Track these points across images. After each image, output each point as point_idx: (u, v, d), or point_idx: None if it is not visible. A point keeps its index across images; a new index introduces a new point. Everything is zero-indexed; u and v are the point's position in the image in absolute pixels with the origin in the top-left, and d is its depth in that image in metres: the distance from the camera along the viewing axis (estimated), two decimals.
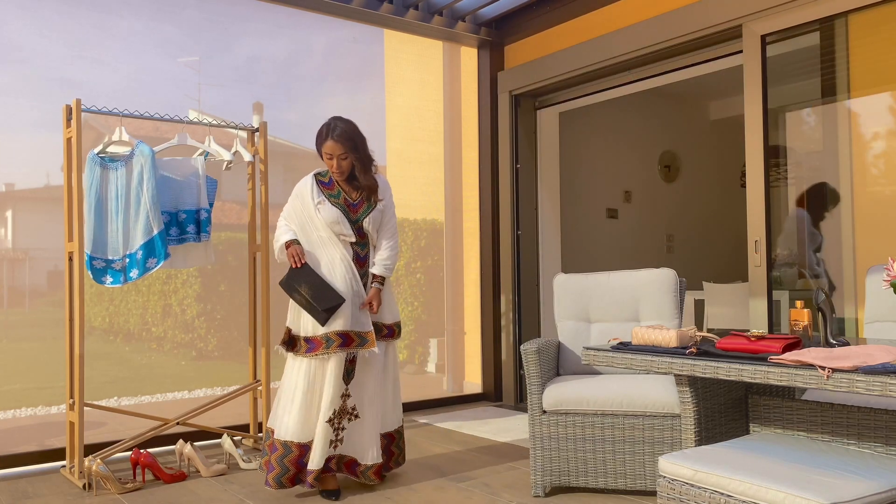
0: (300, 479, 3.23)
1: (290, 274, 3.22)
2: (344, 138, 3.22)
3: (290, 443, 3.21)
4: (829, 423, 2.47)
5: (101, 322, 4.92)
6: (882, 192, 3.53)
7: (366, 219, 3.31)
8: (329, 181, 3.34)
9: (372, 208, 3.33)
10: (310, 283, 3.17)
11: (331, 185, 3.33)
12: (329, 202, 3.27)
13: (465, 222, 5.81)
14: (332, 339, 3.18)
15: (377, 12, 4.97)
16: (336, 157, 3.23)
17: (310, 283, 3.17)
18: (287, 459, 3.20)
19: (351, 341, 3.21)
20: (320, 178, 3.35)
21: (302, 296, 3.17)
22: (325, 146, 3.24)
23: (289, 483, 3.21)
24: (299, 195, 3.34)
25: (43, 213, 4.52)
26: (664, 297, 3.39)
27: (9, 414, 4.44)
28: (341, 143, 3.21)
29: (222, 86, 4.88)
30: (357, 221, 3.30)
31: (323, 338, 3.19)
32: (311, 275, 3.20)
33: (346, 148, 3.22)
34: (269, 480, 3.20)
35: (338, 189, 3.32)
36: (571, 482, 3.15)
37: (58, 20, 4.31)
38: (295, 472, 3.22)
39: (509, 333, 5.45)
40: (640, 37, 4.47)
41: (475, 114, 5.70)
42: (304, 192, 3.32)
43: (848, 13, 3.60)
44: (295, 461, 3.21)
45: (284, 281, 3.23)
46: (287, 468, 3.20)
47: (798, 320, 2.43)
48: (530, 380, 3.19)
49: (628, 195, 6.99)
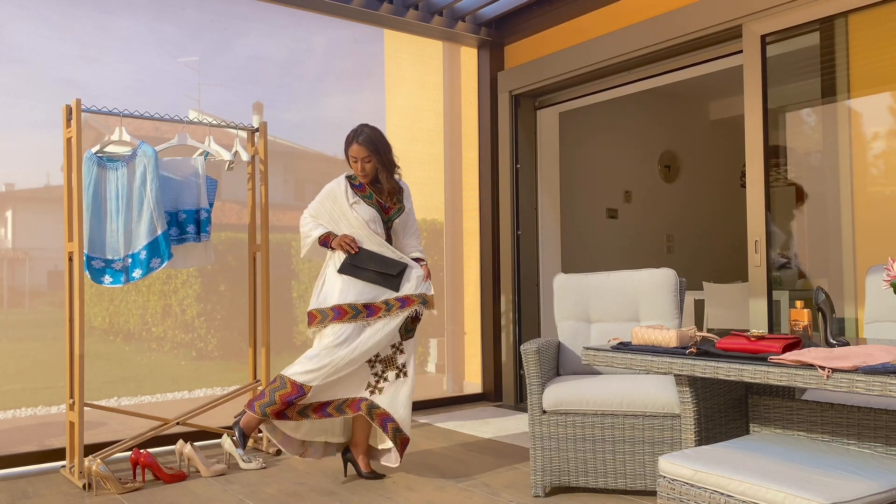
0: (286, 416, 3.32)
1: (352, 258, 3.44)
2: (368, 143, 3.46)
3: (287, 379, 3.31)
4: (829, 423, 2.46)
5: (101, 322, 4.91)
6: (882, 193, 3.53)
7: (397, 219, 3.58)
8: (360, 184, 3.56)
9: (401, 211, 3.59)
10: (373, 258, 3.44)
11: (362, 187, 3.56)
12: (364, 202, 3.51)
13: (465, 222, 5.81)
14: (359, 310, 3.38)
15: (377, 12, 4.97)
16: (360, 160, 3.47)
17: (374, 259, 3.44)
18: (279, 393, 3.30)
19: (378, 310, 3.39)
20: (352, 180, 3.57)
21: (371, 271, 3.42)
22: (350, 150, 3.48)
23: (273, 415, 3.30)
24: (331, 195, 3.54)
25: (43, 213, 4.52)
26: (664, 297, 3.39)
27: (9, 414, 4.44)
28: (365, 146, 3.46)
29: (222, 86, 4.88)
30: (389, 221, 3.56)
31: (350, 307, 3.36)
32: (370, 253, 3.46)
33: (369, 151, 3.46)
34: (253, 405, 3.31)
35: (369, 191, 3.55)
36: (571, 482, 3.15)
37: (58, 20, 4.31)
38: (281, 407, 3.30)
39: (509, 333, 5.45)
40: (640, 37, 4.47)
41: (475, 114, 5.70)
42: (338, 192, 3.53)
43: (848, 13, 3.60)
44: (285, 398, 3.30)
45: (348, 264, 3.43)
46: (274, 400, 3.29)
47: (798, 320, 2.43)
48: (530, 380, 3.19)
49: (628, 195, 6.99)
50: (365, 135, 3.47)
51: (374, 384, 3.43)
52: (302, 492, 3.34)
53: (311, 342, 3.51)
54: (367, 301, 3.39)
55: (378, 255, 3.46)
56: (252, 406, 3.33)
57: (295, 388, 3.30)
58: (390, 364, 3.46)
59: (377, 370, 3.44)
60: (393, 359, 3.46)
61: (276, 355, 4.73)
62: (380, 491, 3.33)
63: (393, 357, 3.46)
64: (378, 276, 3.42)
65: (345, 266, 3.44)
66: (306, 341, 4.88)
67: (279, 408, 3.30)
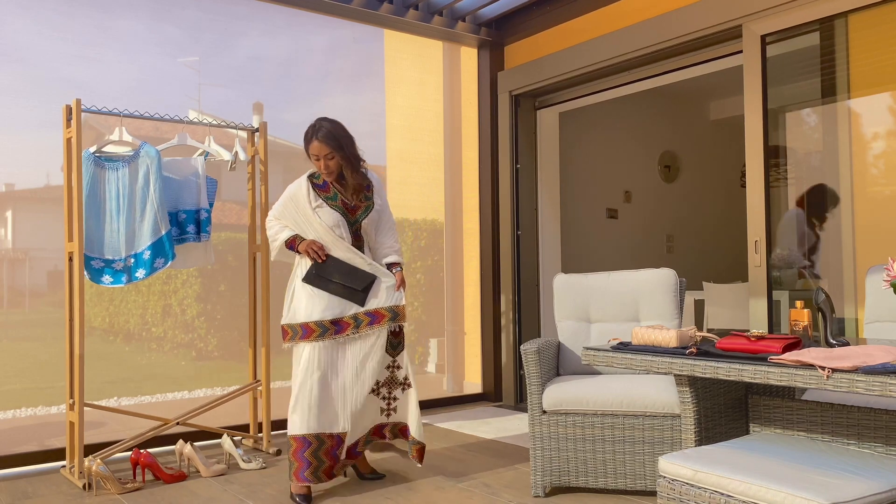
0: (335, 474, 3.24)
1: (318, 267, 3.27)
2: (329, 138, 3.23)
3: (322, 435, 3.20)
4: (829, 423, 2.46)
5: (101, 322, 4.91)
6: (882, 193, 3.53)
7: (365, 220, 3.35)
8: (324, 183, 3.35)
9: (370, 209, 3.36)
10: (340, 270, 3.27)
11: (325, 187, 3.34)
12: (328, 205, 3.30)
13: (465, 222, 5.81)
14: (326, 327, 3.22)
15: (377, 12, 4.97)
16: (322, 158, 3.25)
17: (340, 271, 3.26)
18: (322, 452, 3.20)
19: (346, 326, 3.25)
20: (314, 180, 3.36)
21: (337, 283, 3.25)
22: (311, 147, 3.26)
23: (325, 476, 3.20)
24: (293, 198, 3.33)
25: (43, 213, 4.52)
26: (664, 297, 3.39)
27: (9, 414, 4.44)
28: (326, 143, 3.23)
29: (222, 86, 4.88)
30: (355, 223, 3.34)
31: (317, 325, 3.22)
32: (338, 263, 3.28)
33: (331, 147, 3.23)
34: (305, 475, 3.16)
35: (334, 191, 3.33)
36: (571, 482, 3.15)
37: (58, 20, 4.31)
38: (330, 464, 3.21)
39: (509, 333, 5.45)
40: (640, 37, 4.47)
41: (475, 114, 5.70)
42: (300, 195, 3.31)
43: (848, 13, 3.60)
44: (329, 452, 3.21)
45: (314, 275, 3.27)
46: (323, 461, 3.19)
47: (798, 320, 2.43)
48: (530, 380, 3.19)
49: (628, 195, 6.99)
50: (325, 130, 3.23)
51: (386, 407, 3.38)
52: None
53: None
54: (335, 317, 3.23)
55: (346, 266, 3.27)
56: (305, 478, 3.17)
57: (332, 439, 3.23)
58: (393, 384, 3.38)
59: (383, 394, 3.36)
60: (394, 377, 3.38)
61: (276, 355, 4.73)
62: (380, 491, 3.33)
63: (393, 376, 3.37)
64: (344, 290, 3.25)
65: (310, 276, 3.27)
66: None
67: (329, 466, 3.22)
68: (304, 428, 3.18)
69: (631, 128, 7.04)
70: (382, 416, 3.38)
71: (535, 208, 5.54)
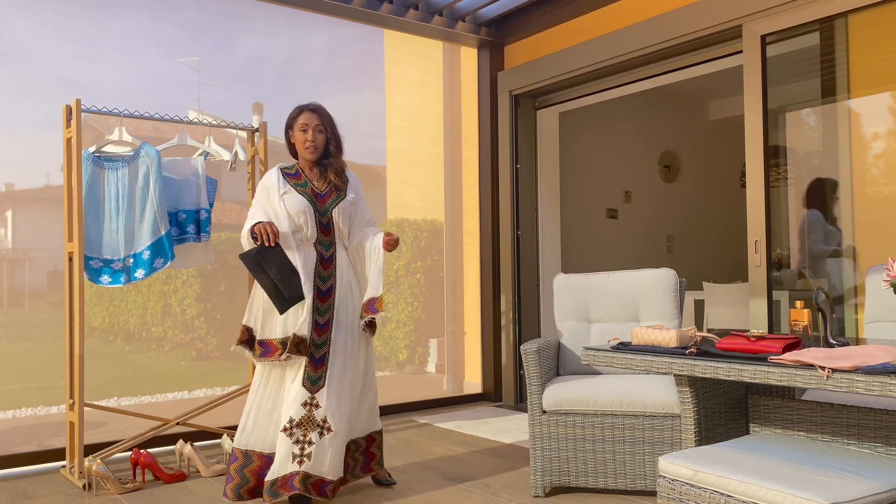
0: (261, 493, 3.07)
1: (260, 251, 2.96)
2: (319, 111, 3.22)
3: (250, 452, 3.10)
4: (829, 423, 2.46)
5: (101, 322, 4.91)
6: (882, 192, 3.53)
7: (334, 209, 3.18)
8: (295, 172, 3.23)
9: (341, 198, 3.21)
10: (279, 264, 2.95)
11: (297, 175, 3.22)
12: (295, 191, 3.16)
13: (465, 222, 5.81)
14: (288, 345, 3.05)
15: (377, 12, 4.97)
16: (311, 129, 3.17)
17: (279, 265, 2.95)
18: (247, 469, 3.08)
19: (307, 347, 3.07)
20: (286, 170, 3.24)
21: (269, 276, 2.94)
22: (301, 117, 3.19)
23: (247, 495, 3.06)
24: (265, 188, 3.20)
25: (43, 213, 4.52)
26: (664, 297, 3.39)
27: (9, 414, 4.44)
28: (317, 114, 3.21)
29: (222, 86, 4.88)
30: (325, 213, 3.17)
31: (280, 343, 3.06)
32: (283, 256, 2.98)
33: (321, 119, 3.20)
34: (226, 491, 3.08)
35: (304, 179, 3.21)
36: (571, 482, 3.15)
37: (58, 20, 4.31)
38: (255, 483, 3.07)
39: (509, 333, 5.45)
40: (640, 37, 4.47)
41: (475, 114, 5.70)
42: (270, 184, 3.18)
43: (848, 13, 3.60)
44: (255, 472, 3.08)
45: (251, 257, 2.94)
46: (247, 479, 3.07)
47: (798, 320, 2.43)
48: (530, 380, 3.19)
49: (628, 195, 6.99)
50: (315, 105, 3.21)
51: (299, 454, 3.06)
52: None
53: None
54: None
55: (288, 266, 2.97)
56: (225, 494, 3.06)
57: (262, 458, 3.10)
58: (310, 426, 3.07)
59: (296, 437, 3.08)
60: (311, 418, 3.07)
61: None
62: (379, 491, 3.32)
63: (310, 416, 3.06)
64: (271, 286, 2.95)
65: (248, 256, 2.95)
66: None
67: (253, 485, 3.09)
68: (244, 442, 3.13)
69: (631, 128, 7.04)
70: (294, 463, 3.02)
71: (535, 208, 5.54)
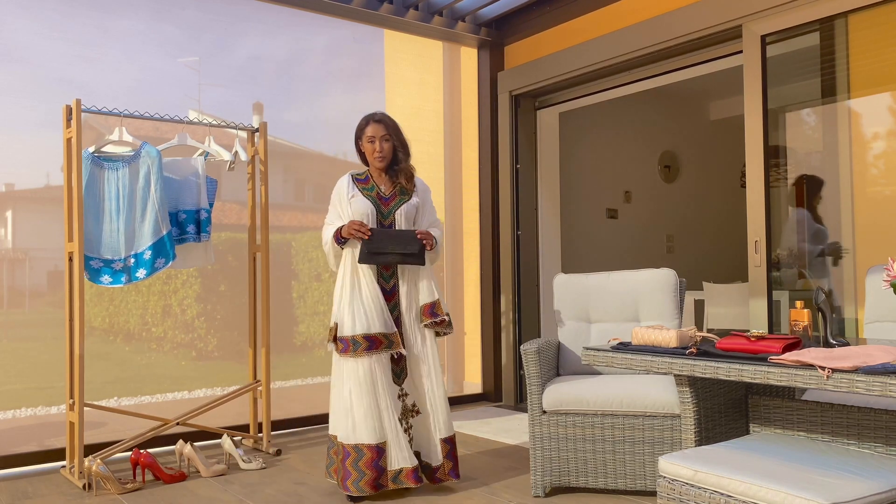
0: (381, 484, 3.14)
1: (367, 244, 3.19)
2: (386, 121, 3.35)
3: (360, 445, 3.14)
4: (829, 423, 2.46)
5: (101, 322, 4.91)
6: (882, 193, 3.53)
7: (398, 210, 3.32)
8: (365, 178, 3.39)
9: (405, 201, 3.35)
10: (390, 238, 3.21)
11: (366, 180, 3.38)
12: (362, 195, 3.31)
13: (465, 222, 5.81)
14: (358, 342, 3.17)
15: (377, 12, 4.97)
16: (378, 139, 3.31)
17: (391, 239, 3.21)
18: (361, 462, 3.13)
19: (379, 343, 3.20)
20: (357, 176, 3.40)
21: (394, 253, 3.20)
22: (368, 128, 3.33)
23: (367, 487, 3.11)
24: (337, 193, 3.37)
25: (43, 213, 4.51)
26: (664, 297, 3.39)
27: (9, 414, 4.44)
28: (383, 124, 3.33)
29: (222, 86, 4.88)
30: (388, 215, 3.31)
31: (350, 340, 3.18)
32: (384, 232, 3.22)
33: (387, 129, 3.33)
34: (346, 486, 3.12)
35: (372, 183, 3.36)
36: (571, 482, 3.15)
37: (58, 20, 4.31)
38: (373, 475, 3.13)
39: (509, 333, 5.45)
40: (640, 37, 4.47)
41: (475, 114, 5.70)
42: (342, 189, 3.35)
43: (848, 13, 3.60)
44: (369, 464, 3.13)
45: (365, 252, 3.19)
46: (363, 472, 3.13)
47: (798, 320, 2.43)
48: (530, 380, 3.19)
49: (628, 195, 6.99)
50: (380, 115, 3.36)
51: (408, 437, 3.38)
52: (302, 492, 3.33)
53: (310, 343, 3.50)
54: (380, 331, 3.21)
55: (393, 234, 3.22)
56: (347, 488, 3.14)
57: (372, 450, 3.18)
58: (406, 413, 3.39)
59: (403, 424, 3.35)
60: (405, 406, 3.39)
61: (277, 356, 4.73)
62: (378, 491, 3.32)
63: (404, 405, 3.39)
64: (400, 258, 3.20)
65: (363, 256, 3.19)
66: (306, 341, 4.89)
67: (372, 477, 3.17)
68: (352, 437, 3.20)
69: (631, 128, 7.04)
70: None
71: (535, 208, 5.54)
